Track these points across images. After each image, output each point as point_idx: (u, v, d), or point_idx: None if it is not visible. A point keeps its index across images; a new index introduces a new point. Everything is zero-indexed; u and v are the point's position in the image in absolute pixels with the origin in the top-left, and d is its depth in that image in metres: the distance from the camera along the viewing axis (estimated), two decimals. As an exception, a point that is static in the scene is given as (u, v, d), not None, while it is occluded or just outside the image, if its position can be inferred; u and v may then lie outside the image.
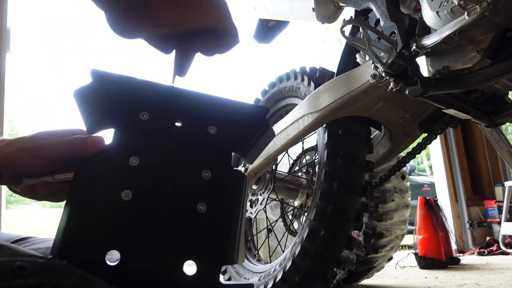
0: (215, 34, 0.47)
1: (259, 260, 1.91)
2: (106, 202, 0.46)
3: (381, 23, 1.12)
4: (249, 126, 0.56)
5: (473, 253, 3.85)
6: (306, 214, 1.56)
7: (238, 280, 1.75)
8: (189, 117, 0.47)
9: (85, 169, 0.48)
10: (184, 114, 0.52)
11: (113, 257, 0.44)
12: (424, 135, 1.50)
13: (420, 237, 2.99)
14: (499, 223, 3.98)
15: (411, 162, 3.23)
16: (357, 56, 1.34)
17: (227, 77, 18.38)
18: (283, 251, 1.71)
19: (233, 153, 0.55)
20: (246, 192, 0.56)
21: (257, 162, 1.63)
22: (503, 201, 3.98)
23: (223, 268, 1.30)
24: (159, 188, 0.48)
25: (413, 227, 3.15)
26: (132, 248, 0.45)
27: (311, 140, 1.87)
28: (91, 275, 0.41)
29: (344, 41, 1.38)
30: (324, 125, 1.48)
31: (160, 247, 0.46)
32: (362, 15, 1.30)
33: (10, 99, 2.93)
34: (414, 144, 1.56)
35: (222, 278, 1.80)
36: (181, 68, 0.52)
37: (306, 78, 1.66)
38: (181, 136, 0.51)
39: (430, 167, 9.43)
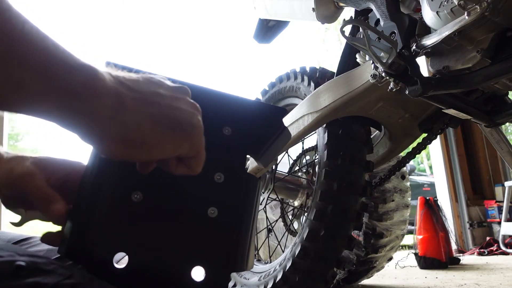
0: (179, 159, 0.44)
1: (259, 260, 1.91)
2: (116, 203, 0.45)
3: (381, 23, 1.12)
4: (265, 128, 0.53)
5: (473, 253, 3.84)
6: (306, 214, 1.56)
7: (237, 279, 1.75)
8: (204, 116, 0.44)
9: (95, 168, 0.47)
10: None
11: (121, 260, 0.43)
12: (424, 135, 1.50)
13: (420, 237, 2.98)
14: (499, 223, 3.97)
15: (411, 162, 3.23)
16: (357, 56, 1.34)
17: (227, 77, 18.39)
18: (283, 251, 1.71)
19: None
20: (259, 196, 0.54)
21: (257, 162, 1.62)
22: (503, 201, 3.97)
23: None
24: (170, 190, 0.47)
25: (413, 227, 3.15)
26: (140, 251, 0.44)
27: (311, 140, 1.87)
28: (92, 275, 0.40)
29: (344, 41, 1.38)
30: (324, 125, 1.47)
31: (169, 251, 0.45)
32: (362, 15, 1.30)
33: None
34: (414, 144, 1.56)
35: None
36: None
37: (306, 78, 1.66)
38: None
39: (430, 167, 9.43)
